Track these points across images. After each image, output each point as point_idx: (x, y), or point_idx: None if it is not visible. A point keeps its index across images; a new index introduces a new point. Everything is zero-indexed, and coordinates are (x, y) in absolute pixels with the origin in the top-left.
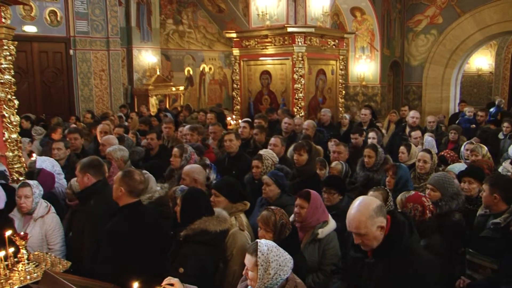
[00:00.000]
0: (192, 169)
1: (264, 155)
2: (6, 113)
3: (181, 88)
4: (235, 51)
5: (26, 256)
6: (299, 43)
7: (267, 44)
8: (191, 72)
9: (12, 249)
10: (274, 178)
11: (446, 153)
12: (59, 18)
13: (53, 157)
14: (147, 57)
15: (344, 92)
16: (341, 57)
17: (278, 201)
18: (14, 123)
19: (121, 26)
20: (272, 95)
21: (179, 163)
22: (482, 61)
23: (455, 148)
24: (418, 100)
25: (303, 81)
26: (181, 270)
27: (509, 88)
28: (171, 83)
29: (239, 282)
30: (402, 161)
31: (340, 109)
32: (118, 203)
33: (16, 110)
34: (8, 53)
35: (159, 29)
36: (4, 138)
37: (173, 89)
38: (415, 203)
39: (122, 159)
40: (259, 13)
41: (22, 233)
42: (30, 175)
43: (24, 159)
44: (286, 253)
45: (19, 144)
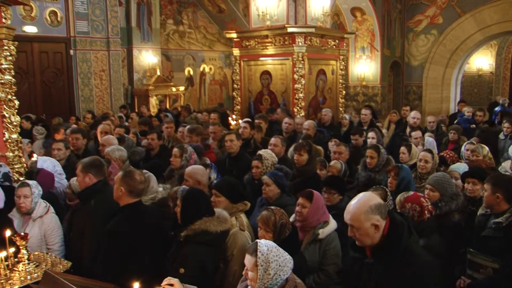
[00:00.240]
0: (195, 171)
1: (264, 155)
2: (7, 113)
3: (182, 88)
4: (235, 51)
5: (27, 256)
6: (299, 43)
7: (267, 44)
8: (192, 72)
9: (13, 249)
10: (274, 178)
11: (446, 154)
12: (59, 18)
13: (53, 158)
14: (148, 57)
15: (345, 92)
16: (341, 57)
17: (278, 201)
18: (15, 123)
19: (122, 26)
20: (273, 95)
21: (179, 163)
22: (483, 61)
23: (455, 149)
24: (418, 100)
25: (304, 81)
26: (182, 271)
27: (510, 88)
28: (172, 83)
29: (239, 282)
30: (403, 162)
31: (341, 109)
32: (119, 203)
33: (17, 110)
34: (9, 54)
35: (160, 29)
36: (5, 138)
37: (174, 89)
38: (413, 204)
39: (121, 159)
40: (259, 13)
41: (23, 233)
42: (30, 175)
43: (24, 160)
44: (286, 254)
45: (20, 144)
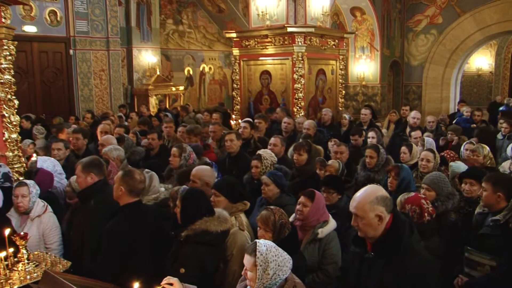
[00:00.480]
0: (203, 172)
1: (263, 155)
2: (6, 113)
3: (181, 88)
4: (235, 51)
5: (26, 256)
6: (299, 43)
7: (267, 44)
8: (191, 72)
9: (12, 249)
10: (273, 178)
11: (446, 154)
12: (59, 18)
13: (53, 158)
14: (147, 57)
15: (344, 92)
16: (341, 57)
17: (278, 201)
18: (14, 123)
19: (121, 26)
20: (272, 95)
21: (178, 163)
22: (482, 61)
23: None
24: (418, 100)
25: (303, 81)
26: (182, 271)
27: (509, 88)
28: (171, 83)
29: (238, 282)
30: (404, 161)
31: (340, 109)
32: (119, 203)
33: (16, 110)
34: (8, 53)
35: (159, 29)
36: (4, 138)
37: (173, 89)
38: (413, 205)
39: (118, 159)
40: (259, 13)
41: (22, 233)
42: (29, 175)
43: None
44: (285, 253)
45: (19, 144)
